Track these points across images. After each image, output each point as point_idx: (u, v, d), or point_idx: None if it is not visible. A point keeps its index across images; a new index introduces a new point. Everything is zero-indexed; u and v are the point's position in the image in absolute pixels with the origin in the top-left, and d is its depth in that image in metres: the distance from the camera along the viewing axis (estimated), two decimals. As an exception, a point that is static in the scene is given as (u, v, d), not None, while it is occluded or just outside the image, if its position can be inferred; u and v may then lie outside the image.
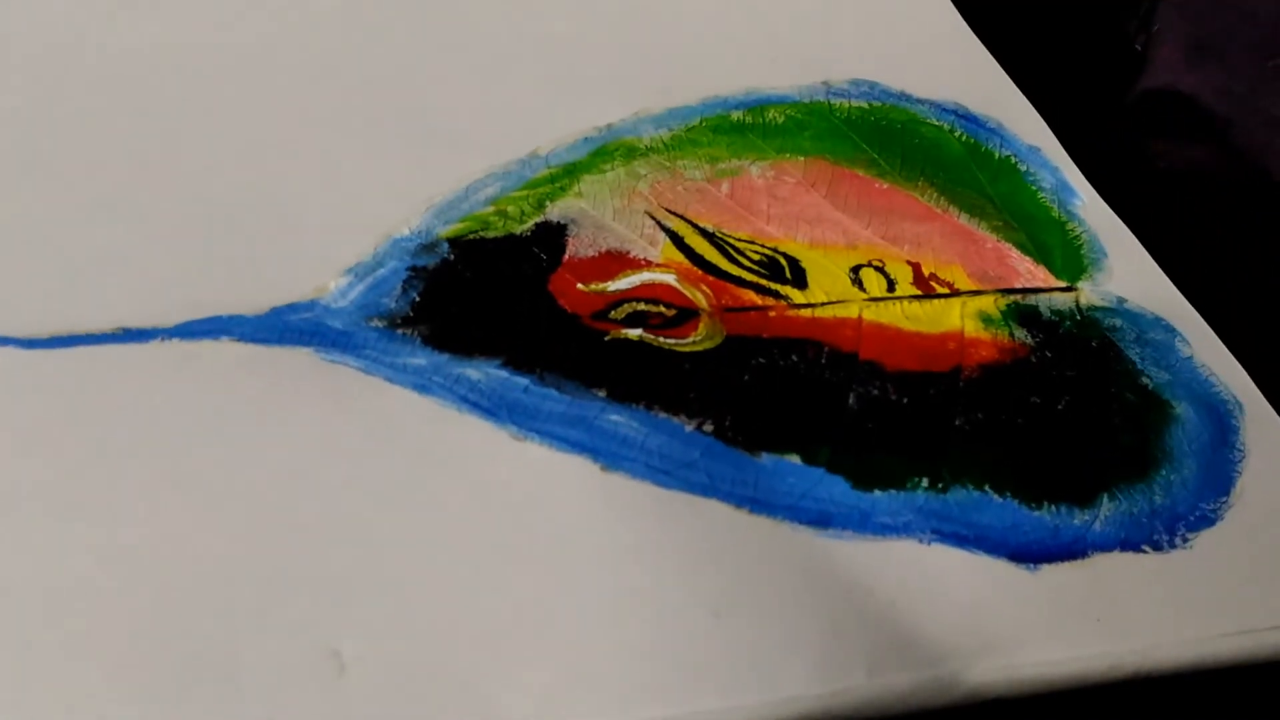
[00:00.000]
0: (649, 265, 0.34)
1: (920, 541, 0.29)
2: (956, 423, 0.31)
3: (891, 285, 0.35)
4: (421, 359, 0.30)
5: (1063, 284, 0.36)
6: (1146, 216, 0.39)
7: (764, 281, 0.34)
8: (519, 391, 0.30)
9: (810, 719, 0.26)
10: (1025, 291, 0.36)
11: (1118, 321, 0.35)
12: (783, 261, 0.35)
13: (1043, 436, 0.31)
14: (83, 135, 0.34)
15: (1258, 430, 0.33)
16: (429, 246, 0.33)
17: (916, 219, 0.38)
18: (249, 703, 0.23)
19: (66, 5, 0.39)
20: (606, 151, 0.37)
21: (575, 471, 0.28)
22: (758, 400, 0.31)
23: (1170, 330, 0.35)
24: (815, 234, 0.36)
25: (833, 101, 0.41)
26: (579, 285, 0.33)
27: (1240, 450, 0.32)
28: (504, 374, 0.30)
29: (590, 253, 0.34)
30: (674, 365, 0.31)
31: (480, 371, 0.30)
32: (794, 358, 0.32)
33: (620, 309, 0.32)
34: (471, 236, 0.34)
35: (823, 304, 0.34)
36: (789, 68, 0.41)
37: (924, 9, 0.46)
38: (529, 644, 0.25)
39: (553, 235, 0.34)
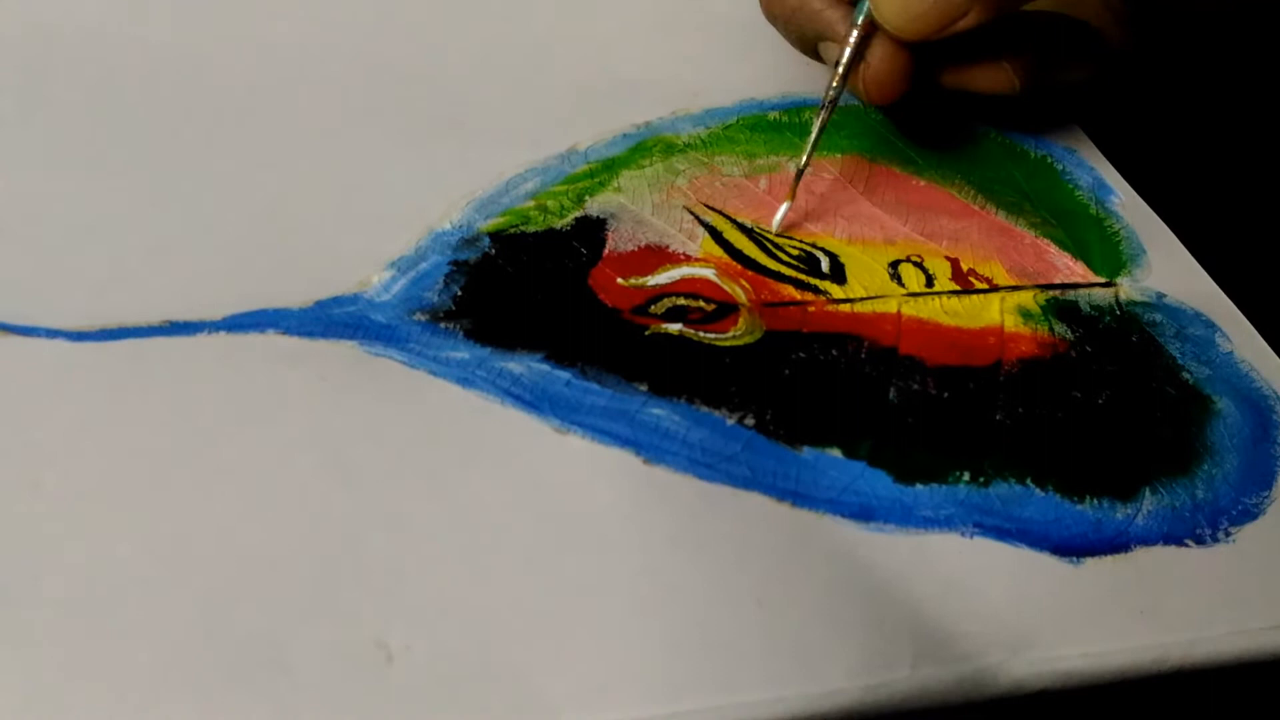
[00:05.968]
0: (688, 260, 0.34)
1: (963, 535, 0.28)
2: (997, 417, 0.31)
3: (930, 280, 0.35)
4: (464, 353, 0.30)
5: (1102, 279, 0.36)
6: (1184, 212, 0.39)
7: (803, 276, 0.34)
8: (561, 385, 0.30)
9: (854, 711, 0.26)
10: (1064, 287, 0.36)
11: (1157, 316, 0.35)
12: (821, 257, 0.35)
13: (1084, 431, 0.31)
14: (128, 130, 0.35)
15: (1299, 425, 0.33)
16: (470, 240, 0.33)
17: (954, 215, 0.38)
18: (297, 693, 0.24)
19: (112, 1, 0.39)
20: (645, 147, 0.37)
21: (618, 464, 0.28)
22: (798, 394, 0.31)
23: (1210, 325, 0.35)
24: (853, 230, 0.36)
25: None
26: (619, 280, 0.33)
27: (1282, 445, 0.32)
28: (546, 368, 0.30)
29: (630, 247, 0.34)
30: (714, 359, 0.31)
31: (522, 365, 0.30)
32: (834, 352, 0.32)
33: (660, 303, 0.33)
34: (512, 231, 0.34)
35: (862, 299, 0.34)
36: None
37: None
38: (573, 634, 0.25)
39: (592, 230, 0.34)
